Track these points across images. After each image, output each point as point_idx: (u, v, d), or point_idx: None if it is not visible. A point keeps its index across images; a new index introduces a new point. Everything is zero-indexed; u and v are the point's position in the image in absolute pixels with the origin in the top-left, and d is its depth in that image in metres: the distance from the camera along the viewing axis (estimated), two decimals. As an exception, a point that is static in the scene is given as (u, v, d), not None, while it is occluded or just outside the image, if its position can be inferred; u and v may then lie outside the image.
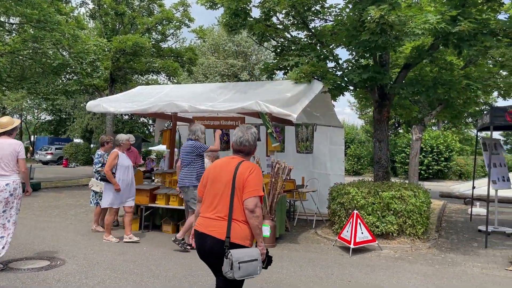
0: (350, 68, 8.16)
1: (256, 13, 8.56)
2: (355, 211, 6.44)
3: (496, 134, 23.97)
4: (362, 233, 6.34)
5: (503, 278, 5.28)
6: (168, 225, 7.53)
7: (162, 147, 24.40)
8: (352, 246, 6.22)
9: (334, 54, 8.54)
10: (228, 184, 2.92)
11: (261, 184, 2.94)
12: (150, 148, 34.65)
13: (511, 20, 7.40)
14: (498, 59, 7.44)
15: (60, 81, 16.07)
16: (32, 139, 45.43)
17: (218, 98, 7.91)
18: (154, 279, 4.98)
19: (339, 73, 8.25)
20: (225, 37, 25.54)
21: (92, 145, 34.07)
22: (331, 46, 8.73)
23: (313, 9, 8.39)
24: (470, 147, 27.88)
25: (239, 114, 7.96)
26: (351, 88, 8.60)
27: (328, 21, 8.87)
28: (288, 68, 8.58)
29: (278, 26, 8.91)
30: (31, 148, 39.67)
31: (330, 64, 8.59)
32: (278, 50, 9.43)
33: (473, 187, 9.53)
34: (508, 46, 6.93)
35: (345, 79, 7.96)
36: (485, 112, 8.31)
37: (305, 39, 9.16)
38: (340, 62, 8.47)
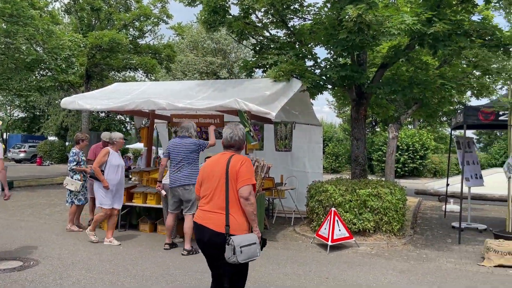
0: (328, 67, 8.22)
1: (235, 10, 8.57)
2: (333, 209, 6.51)
3: (470, 133, 24.63)
4: (339, 230, 6.41)
5: (475, 273, 5.43)
6: (145, 224, 7.44)
7: (140, 145, 24.07)
8: (329, 243, 6.28)
9: (313, 52, 8.58)
10: (222, 177, 3.15)
11: (253, 173, 3.17)
12: (127, 146, 34.18)
13: (484, 21, 7.60)
14: (472, 59, 7.64)
15: (34, 77, 15.64)
16: (4, 136, 44.15)
17: (197, 96, 7.85)
18: (130, 278, 4.91)
19: (317, 71, 8.30)
20: (204, 34, 25.35)
21: (67, 143, 33.35)
22: (309, 45, 8.78)
23: (292, 7, 8.41)
24: (444, 145, 28.55)
25: (218, 112, 7.92)
26: (330, 86, 8.66)
27: (306, 19, 8.91)
28: (267, 66, 8.57)
29: (257, 24, 8.89)
30: (3, 146, 38.54)
31: (309, 63, 8.64)
32: (257, 48, 9.41)
33: (447, 185, 9.76)
34: (481, 47, 7.11)
35: (324, 77, 8.02)
36: (459, 111, 8.52)
37: (284, 38, 9.17)
38: (319, 61, 8.53)
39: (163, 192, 6.40)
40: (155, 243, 6.61)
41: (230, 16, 8.48)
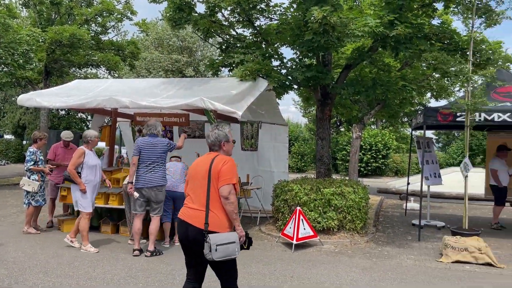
0: (294, 67, 8.28)
1: (201, 8, 8.45)
2: (298, 208, 6.56)
3: (429, 133, 25.48)
4: (304, 229, 6.47)
5: (434, 269, 5.61)
6: (107, 225, 7.24)
7: (101, 144, 23.40)
8: (294, 242, 6.32)
9: (279, 52, 8.62)
10: (205, 176, 3.26)
11: (234, 174, 3.25)
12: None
13: (443, 25, 7.87)
14: (431, 62, 7.87)
15: (-11, 72, 14.87)
16: (-44, 134, 41.85)
17: (162, 94, 7.71)
18: (91, 281, 4.76)
19: (283, 71, 8.34)
20: (169, 32, 24.94)
21: (24, 142, 31.97)
22: (276, 45, 8.80)
23: (258, 7, 8.40)
24: (405, 145, 29.41)
25: (183, 111, 7.81)
26: (295, 86, 8.73)
27: (273, 19, 8.93)
28: (234, 65, 8.53)
29: (223, 22, 8.83)
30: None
31: (275, 63, 8.67)
32: (224, 47, 9.35)
33: (408, 183, 10.06)
34: (440, 50, 7.34)
35: (289, 77, 8.07)
36: (419, 112, 8.79)
37: (251, 37, 9.16)
38: (285, 61, 8.57)
39: (136, 194, 5.98)
40: (117, 245, 6.45)
41: (196, 14, 8.38)
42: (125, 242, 6.62)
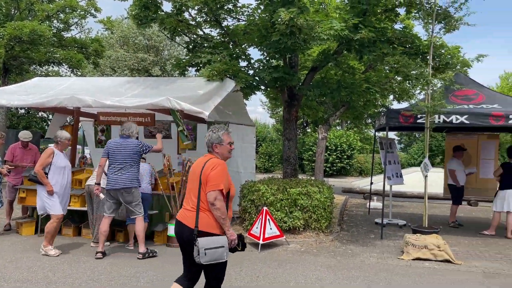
0: (261, 68, 8.32)
1: (167, 7, 8.32)
2: (265, 208, 6.60)
3: (392, 134, 26.23)
4: (270, 229, 6.52)
5: (395, 267, 5.79)
6: (69, 227, 7.03)
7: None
8: (261, 242, 6.36)
9: (246, 53, 8.64)
10: (197, 178, 3.30)
11: (222, 179, 3.23)
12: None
13: (405, 30, 8.13)
14: (394, 65, 8.13)
15: None
16: None
17: (126, 93, 7.55)
18: (51, 286, 4.61)
19: (251, 72, 8.37)
20: (135, 30, 24.46)
21: (-20, 142, 30.50)
22: (243, 46, 8.81)
23: (225, 7, 8.38)
24: (369, 146, 30.15)
25: (149, 110, 7.69)
26: (263, 87, 8.77)
27: (240, 20, 8.94)
28: (201, 65, 8.48)
29: (191, 22, 8.75)
30: None
31: (243, 63, 8.68)
32: (191, 47, 9.28)
33: (371, 183, 10.32)
34: (402, 54, 7.59)
35: (257, 78, 8.10)
36: (382, 114, 9.04)
37: (218, 37, 9.13)
38: (252, 61, 8.60)
39: (102, 196, 6.00)
40: (80, 248, 6.27)
41: (162, 13, 8.27)
42: (88, 244, 6.45)
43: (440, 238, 6.25)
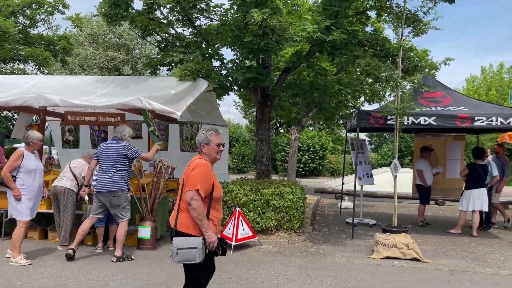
0: (234, 68, 8.29)
1: (138, 5, 8.16)
2: (237, 209, 6.57)
3: (362, 135, 26.69)
4: (243, 230, 6.49)
5: (366, 266, 5.87)
6: (34, 231, 6.79)
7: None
8: (233, 243, 6.32)
9: (219, 53, 8.59)
10: (182, 179, 3.35)
11: (201, 180, 3.18)
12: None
13: (375, 33, 8.28)
14: (365, 67, 8.27)
15: None
16: None
17: (96, 92, 7.37)
18: (15, 293, 4.43)
19: (224, 72, 8.33)
20: (105, 28, 23.94)
21: None
22: (216, 45, 8.76)
23: (198, 6, 8.32)
24: (341, 146, 30.58)
25: (119, 110, 7.53)
26: (236, 88, 8.75)
27: (213, 20, 8.89)
28: (173, 64, 8.38)
29: (162, 20, 8.63)
30: None
31: (216, 63, 8.63)
32: (162, 45, 9.15)
33: (343, 183, 10.45)
34: (372, 57, 7.72)
35: (230, 78, 8.07)
36: (353, 115, 9.17)
37: (190, 37, 9.05)
38: (225, 61, 8.57)
39: (86, 198, 5.99)
40: (46, 251, 6.07)
41: (133, 11, 8.11)
42: (55, 248, 6.25)
43: (409, 237, 6.39)
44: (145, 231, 6.34)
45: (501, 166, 8.72)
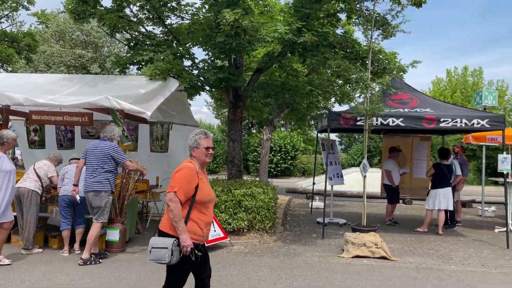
0: (206, 68, 8.22)
1: (107, 2, 8.00)
2: (209, 210, 6.51)
3: (333, 136, 27.08)
4: (214, 231, 6.45)
5: (336, 265, 5.94)
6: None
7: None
8: (204, 244, 6.26)
9: (191, 53, 8.50)
10: None
11: (181, 182, 3.20)
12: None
13: (346, 35, 8.40)
14: (335, 69, 8.37)
15: None
16: None
17: (62, 91, 7.15)
18: (-26, 300, 4.23)
19: (195, 72, 8.24)
20: (72, 25, 23.29)
21: None
22: (187, 45, 8.67)
23: (169, 5, 8.21)
24: (312, 147, 30.90)
25: (87, 109, 7.32)
26: (207, 88, 8.68)
27: (184, 19, 8.79)
28: (143, 63, 8.22)
29: (132, 18, 8.47)
30: None
31: (187, 63, 8.53)
32: (132, 44, 8.97)
33: (314, 183, 10.57)
34: (343, 58, 7.82)
35: (201, 78, 8.00)
36: (324, 116, 9.28)
37: (161, 35, 8.91)
38: (197, 61, 8.48)
39: (78, 197, 5.90)
40: (9, 255, 5.82)
41: (102, 8, 7.92)
42: (18, 252, 6.02)
43: (378, 236, 6.51)
44: (113, 234, 6.20)
45: (460, 166, 9.02)
